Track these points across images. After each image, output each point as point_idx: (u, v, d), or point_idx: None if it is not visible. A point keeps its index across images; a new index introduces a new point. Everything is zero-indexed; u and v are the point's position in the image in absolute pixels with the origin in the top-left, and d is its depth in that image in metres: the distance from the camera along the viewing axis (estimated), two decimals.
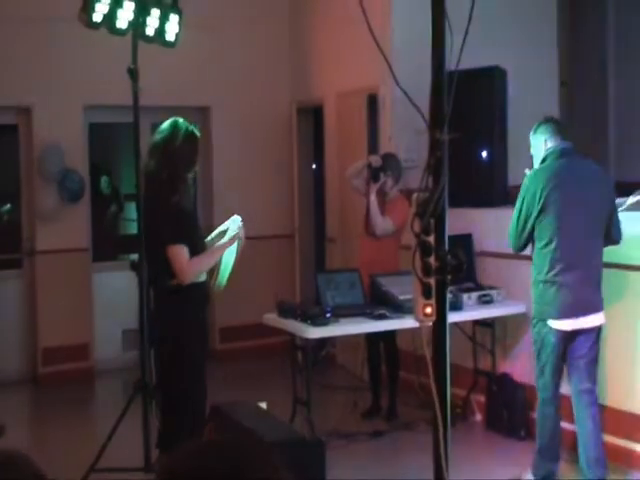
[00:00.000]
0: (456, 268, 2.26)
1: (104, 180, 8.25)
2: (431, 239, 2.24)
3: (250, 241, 8.30)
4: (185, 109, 8.71)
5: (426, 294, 2.24)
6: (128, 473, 4.99)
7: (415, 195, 2.26)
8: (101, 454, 4.82)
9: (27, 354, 8.21)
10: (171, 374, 4.15)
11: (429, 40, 2.51)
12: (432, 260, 2.24)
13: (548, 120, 5.17)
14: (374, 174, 6.38)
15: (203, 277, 4.24)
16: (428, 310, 2.27)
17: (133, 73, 4.80)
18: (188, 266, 4.04)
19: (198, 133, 4.29)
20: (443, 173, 2.22)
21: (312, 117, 8.90)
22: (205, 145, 8.94)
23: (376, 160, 6.47)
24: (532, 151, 5.19)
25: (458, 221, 6.72)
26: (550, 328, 4.88)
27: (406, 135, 7.31)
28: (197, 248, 4.11)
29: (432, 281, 2.25)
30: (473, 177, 6.73)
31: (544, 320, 4.90)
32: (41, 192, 8.02)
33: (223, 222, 4.60)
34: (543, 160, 5.05)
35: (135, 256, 4.73)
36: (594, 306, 4.90)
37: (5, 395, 7.61)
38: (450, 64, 6.97)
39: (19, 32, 7.81)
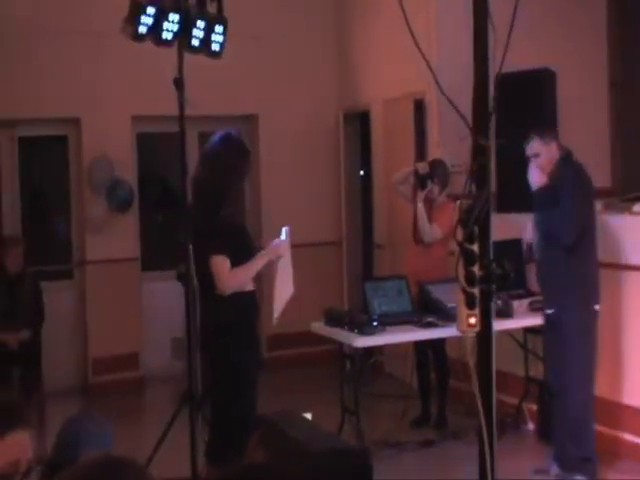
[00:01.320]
0: (501, 277, 2.19)
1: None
2: (475, 247, 2.18)
3: (298, 248, 8.38)
4: (232, 118, 8.76)
5: (470, 304, 2.18)
6: None
7: (459, 202, 2.20)
8: (148, 465, 4.81)
9: (77, 364, 8.28)
10: (217, 384, 4.12)
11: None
12: (476, 269, 2.18)
13: None
14: (421, 181, 6.31)
15: (251, 286, 4.21)
16: (472, 320, 2.21)
17: (179, 84, 4.79)
18: (227, 277, 4.01)
19: (248, 146, 4.30)
20: (487, 179, 2.15)
21: (359, 123, 8.85)
22: (253, 153, 8.94)
23: (423, 167, 6.40)
24: None
25: (507, 226, 6.62)
26: None
27: (453, 141, 7.21)
28: (242, 261, 4.07)
29: (476, 291, 2.18)
30: (522, 181, 6.61)
31: None
32: (90, 202, 8.10)
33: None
34: None
35: (182, 266, 4.74)
36: None
37: (56, 405, 7.66)
38: (496, 67, 6.86)
39: (68, 44, 7.90)
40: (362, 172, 9.00)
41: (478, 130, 2.16)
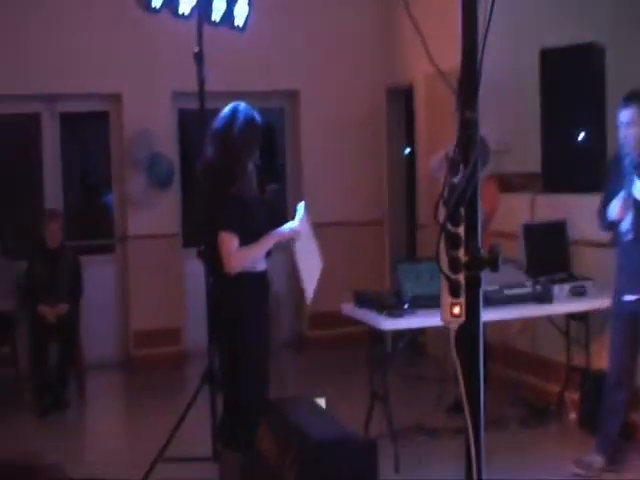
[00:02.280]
0: (489, 262, 2.01)
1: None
2: (460, 230, 2.00)
3: (339, 227, 8.28)
4: (274, 93, 8.64)
5: (454, 292, 2.00)
6: (196, 462, 4.93)
7: (442, 180, 2.02)
8: (168, 443, 4.75)
9: (120, 337, 8.29)
10: (229, 366, 4.01)
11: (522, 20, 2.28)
12: (461, 254, 2.00)
13: None
14: (452, 166, 6.05)
15: (263, 266, 4.07)
16: (456, 310, 2.04)
17: (199, 58, 4.66)
18: (234, 256, 3.87)
19: (259, 118, 4.08)
20: (474, 155, 1.97)
21: (403, 99, 8.63)
22: (294, 129, 8.83)
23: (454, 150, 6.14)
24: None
25: (552, 207, 6.39)
26: None
27: (498, 117, 6.98)
28: (251, 239, 3.93)
29: (461, 277, 2.01)
30: (569, 161, 6.37)
31: None
32: (131, 178, 8.07)
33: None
34: None
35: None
36: None
37: (98, 377, 7.70)
38: (539, 42, 6.59)
39: (110, 19, 7.84)
40: (409, 149, 8.79)
41: (465, 102, 1.97)
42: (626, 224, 4.89)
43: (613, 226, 5.03)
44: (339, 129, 8.61)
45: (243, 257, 3.89)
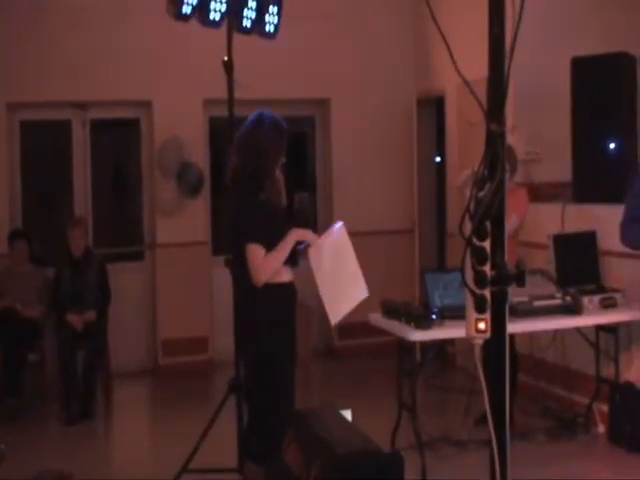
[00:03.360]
0: (516, 277, 1.99)
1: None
2: (486, 244, 1.97)
3: (369, 236, 8.23)
4: (305, 101, 8.65)
5: (480, 308, 1.98)
6: (222, 474, 4.92)
7: (468, 194, 2.00)
8: (194, 454, 4.74)
9: (147, 345, 8.31)
10: (253, 377, 3.99)
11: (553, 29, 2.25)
12: (487, 269, 1.97)
13: None
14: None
15: (288, 277, 4.04)
16: (481, 326, 2.01)
17: (228, 66, 4.67)
18: (261, 266, 3.84)
19: (284, 124, 4.05)
20: (500, 168, 1.94)
21: (434, 108, 8.59)
22: (324, 138, 8.83)
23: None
24: None
25: (582, 217, 6.32)
26: None
27: (528, 126, 6.94)
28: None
29: (487, 293, 1.98)
30: (600, 171, 6.30)
31: None
32: (161, 185, 8.09)
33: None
34: None
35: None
36: None
37: (125, 386, 7.73)
38: (571, 51, 6.51)
39: (141, 27, 7.88)
40: (439, 158, 8.75)
41: (491, 115, 1.94)
42: None
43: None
44: (369, 137, 8.60)
45: (269, 266, 3.86)
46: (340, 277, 4.12)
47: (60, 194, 8.40)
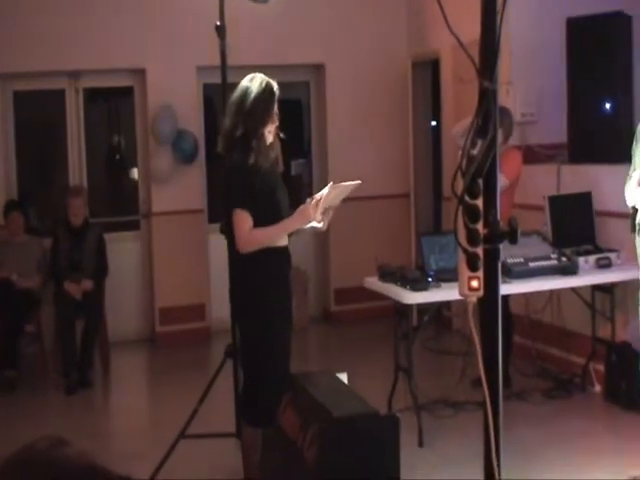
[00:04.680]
0: (509, 235, 1.98)
1: None
2: (479, 202, 1.97)
3: (365, 201, 8.22)
4: (300, 67, 8.59)
5: (472, 265, 1.97)
6: (219, 439, 4.95)
7: (460, 153, 1.99)
8: (191, 419, 4.76)
9: (145, 314, 8.32)
10: (249, 342, 3.99)
11: None
12: (480, 227, 1.97)
13: None
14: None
15: (284, 242, 4.03)
16: (474, 283, 2.01)
17: (221, 31, 4.62)
18: (247, 236, 3.81)
19: (275, 87, 4.01)
20: (492, 127, 1.93)
21: (429, 72, 8.54)
22: (319, 103, 8.78)
23: None
24: None
25: (578, 178, 6.31)
26: None
27: (524, 88, 6.91)
28: (267, 216, 3.86)
29: (479, 250, 1.98)
30: (595, 131, 6.28)
31: None
32: (156, 154, 8.05)
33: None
34: None
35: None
36: None
37: (123, 354, 7.75)
38: (565, 11, 6.44)
39: None
40: (434, 122, 8.72)
41: (483, 73, 1.93)
42: None
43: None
44: (365, 102, 8.56)
45: (255, 240, 3.82)
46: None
47: (55, 164, 8.37)
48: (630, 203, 4.60)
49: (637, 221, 4.54)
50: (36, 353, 7.22)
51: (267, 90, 3.92)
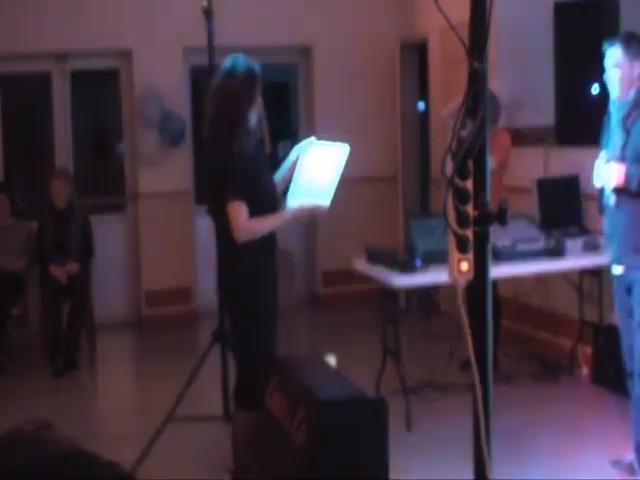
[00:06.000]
0: (498, 217, 1.97)
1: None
2: (469, 184, 1.95)
3: (353, 183, 8.17)
4: (287, 49, 8.55)
5: (462, 248, 1.96)
6: (207, 422, 4.94)
7: (449, 134, 1.97)
8: (179, 402, 4.75)
9: (131, 296, 8.29)
10: (237, 325, 3.97)
11: None
12: (469, 209, 1.95)
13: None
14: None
15: None
16: (464, 266, 1.99)
17: (208, 14, 4.58)
18: (244, 226, 3.78)
19: (258, 69, 3.96)
20: (481, 108, 1.91)
21: (417, 54, 8.51)
22: (307, 85, 8.74)
23: None
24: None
25: (565, 161, 6.31)
26: None
27: (512, 71, 6.88)
28: (261, 203, 3.84)
29: (469, 233, 1.96)
30: (583, 115, 6.27)
31: None
32: (142, 135, 8.01)
33: None
34: None
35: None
36: None
37: (109, 337, 7.72)
38: None
39: None
40: (423, 105, 8.69)
41: (473, 53, 1.90)
42: (608, 188, 4.36)
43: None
44: (352, 84, 8.52)
45: (253, 230, 3.80)
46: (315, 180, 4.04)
47: (41, 147, 8.31)
48: (597, 184, 4.51)
49: (603, 202, 4.47)
50: (23, 336, 7.19)
51: (249, 74, 3.87)
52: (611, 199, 4.36)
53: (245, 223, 3.79)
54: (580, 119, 6.27)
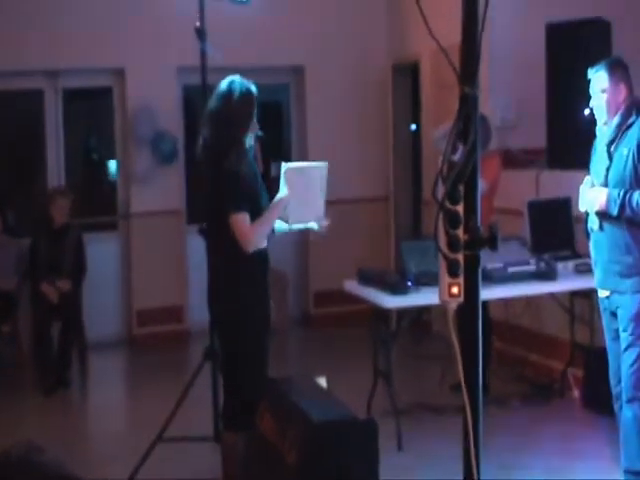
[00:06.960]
0: (489, 241, 1.97)
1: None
2: (459, 208, 1.96)
3: (345, 204, 8.23)
4: (280, 69, 8.58)
5: (452, 272, 1.96)
6: (197, 442, 4.92)
7: (440, 158, 1.98)
8: (169, 422, 4.73)
9: (122, 315, 8.27)
10: (227, 346, 3.97)
11: None
12: (460, 233, 1.96)
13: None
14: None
15: (265, 243, 4.02)
16: (454, 290, 2.00)
17: (201, 33, 4.60)
18: (249, 233, 3.81)
19: (254, 90, 3.98)
20: (472, 132, 1.92)
21: (409, 76, 8.55)
22: (299, 105, 8.77)
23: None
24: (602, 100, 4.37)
25: (557, 184, 6.33)
26: None
27: (503, 93, 6.93)
28: (258, 213, 3.88)
29: (460, 257, 1.97)
30: (574, 137, 6.29)
31: None
32: (135, 154, 8.02)
33: None
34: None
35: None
36: None
37: (100, 356, 7.69)
38: (545, 17, 6.44)
39: None
40: (415, 126, 8.72)
41: (464, 78, 1.92)
42: (592, 212, 4.40)
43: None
44: (344, 105, 8.55)
45: (256, 233, 3.84)
46: (307, 199, 4.06)
47: (33, 164, 8.30)
48: (582, 208, 4.56)
49: (589, 225, 4.51)
50: (13, 353, 7.16)
51: (247, 98, 3.89)
52: (595, 223, 4.40)
53: (250, 230, 3.81)
54: (572, 141, 6.29)
